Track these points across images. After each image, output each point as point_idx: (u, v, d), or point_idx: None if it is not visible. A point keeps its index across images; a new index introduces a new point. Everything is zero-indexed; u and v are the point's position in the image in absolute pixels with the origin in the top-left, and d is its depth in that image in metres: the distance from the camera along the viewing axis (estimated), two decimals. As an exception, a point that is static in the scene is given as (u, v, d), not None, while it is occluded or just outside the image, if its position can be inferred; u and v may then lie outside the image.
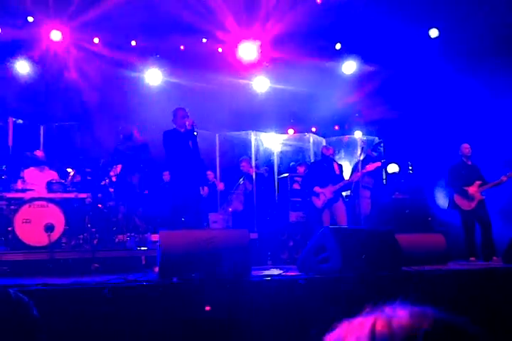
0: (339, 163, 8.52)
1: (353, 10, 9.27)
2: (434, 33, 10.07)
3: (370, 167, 8.19)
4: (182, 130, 6.70)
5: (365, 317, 0.84)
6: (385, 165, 9.18)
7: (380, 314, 0.83)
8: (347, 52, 10.64)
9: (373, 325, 0.81)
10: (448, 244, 6.80)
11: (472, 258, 7.43)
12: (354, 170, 8.62)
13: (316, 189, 7.86)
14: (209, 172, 8.84)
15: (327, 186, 7.85)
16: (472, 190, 7.69)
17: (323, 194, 7.83)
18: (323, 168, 8.10)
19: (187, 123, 6.64)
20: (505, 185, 7.98)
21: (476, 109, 9.20)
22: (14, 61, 9.12)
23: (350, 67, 10.83)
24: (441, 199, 8.78)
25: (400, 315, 0.82)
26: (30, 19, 8.93)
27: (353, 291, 4.56)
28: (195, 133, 6.63)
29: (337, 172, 8.14)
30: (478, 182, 7.73)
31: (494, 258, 7.25)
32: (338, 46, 10.64)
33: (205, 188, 6.70)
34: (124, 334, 3.92)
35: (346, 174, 8.55)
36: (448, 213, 8.39)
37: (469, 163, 7.99)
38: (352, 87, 10.67)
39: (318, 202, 7.83)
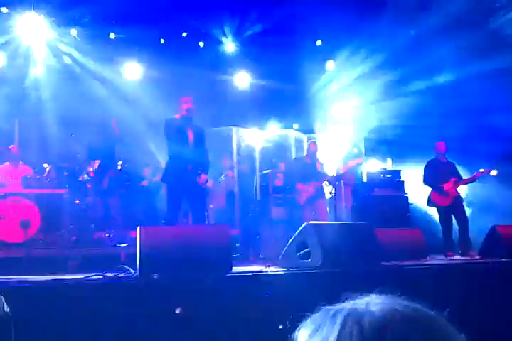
0: (321, 161, 8.55)
1: (333, 5, 9.28)
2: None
3: (352, 163, 8.22)
4: (178, 116, 6.45)
5: (339, 309, 0.86)
6: (365, 162, 9.23)
7: (352, 306, 0.85)
8: (328, 49, 10.67)
9: (345, 318, 0.83)
10: (426, 239, 6.89)
11: (450, 253, 7.53)
12: (335, 166, 8.65)
13: (299, 185, 7.87)
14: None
15: (309, 183, 7.87)
16: (447, 186, 7.80)
17: (305, 190, 7.85)
18: (306, 165, 8.12)
19: (184, 107, 6.38)
20: (482, 180, 8.11)
21: (453, 106, 9.28)
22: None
23: (331, 64, 10.88)
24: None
25: (371, 308, 0.83)
26: (4, 10, 8.73)
27: (334, 286, 4.56)
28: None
29: (319, 168, 8.17)
30: (453, 179, 7.84)
31: (471, 253, 7.35)
32: (318, 43, 10.65)
33: (202, 176, 6.24)
34: (103, 331, 3.86)
35: (328, 170, 8.58)
36: (426, 209, 8.48)
37: (444, 160, 8.09)
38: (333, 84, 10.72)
39: (301, 199, 7.85)
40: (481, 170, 7.88)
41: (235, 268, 4.89)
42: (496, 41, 8.95)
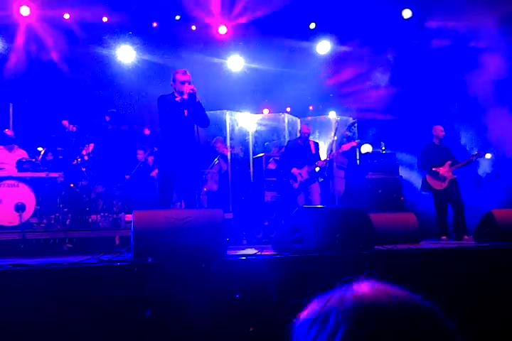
0: (315, 141, 8.53)
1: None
2: (407, 13, 10.11)
3: (346, 147, 8.24)
4: (177, 99, 5.88)
5: (334, 293, 0.89)
6: (359, 145, 9.23)
7: (346, 289, 0.88)
8: (321, 32, 10.61)
9: (340, 300, 0.86)
10: (420, 223, 6.92)
11: (444, 237, 7.58)
12: (329, 150, 8.64)
13: (294, 170, 7.89)
14: None
15: (303, 167, 7.89)
16: (443, 170, 7.82)
17: (299, 175, 7.87)
18: (300, 148, 8.11)
19: (185, 90, 5.79)
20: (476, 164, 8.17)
21: (449, 89, 9.30)
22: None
23: (324, 47, 10.82)
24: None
25: (364, 291, 0.86)
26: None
27: (328, 270, 4.60)
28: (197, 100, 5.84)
29: (313, 151, 8.16)
30: (448, 163, 7.86)
31: (465, 237, 7.40)
32: (312, 26, 10.58)
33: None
34: (98, 315, 3.89)
35: (322, 153, 8.59)
36: (420, 193, 8.52)
37: (440, 144, 8.10)
38: (326, 67, 10.68)
39: (295, 184, 7.87)
40: (476, 152, 7.94)
41: (228, 252, 4.91)
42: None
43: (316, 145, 8.35)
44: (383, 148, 9.42)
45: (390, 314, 0.82)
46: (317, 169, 8.08)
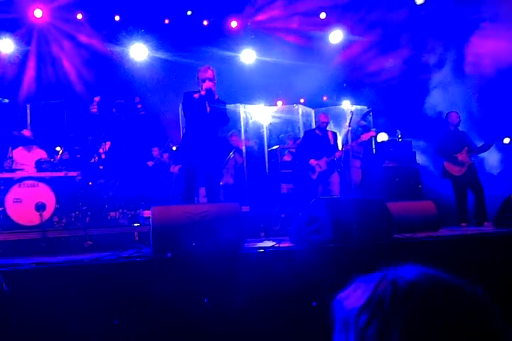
0: (333, 130, 8.46)
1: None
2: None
3: (365, 136, 8.17)
4: (196, 95, 6.03)
5: (381, 278, 0.89)
6: (376, 134, 9.17)
7: (393, 274, 0.89)
8: (333, 21, 10.54)
9: (379, 280, 0.87)
10: (439, 211, 6.87)
11: (463, 224, 7.52)
12: (344, 140, 8.60)
13: (312, 162, 7.86)
14: None
15: (322, 158, 7.86)
16: (461, 156, 7.74)
17: (318, 166, 7.84)
18: (318, 139, 8.06)
19: (203, 87, 5.96)
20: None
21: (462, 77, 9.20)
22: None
23: (337, 36, 10.74)
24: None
25: (413, 276, 0.87)
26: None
27: (346, 261, 4.60)
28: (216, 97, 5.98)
29: (331, 142, 8.10)
30: (466, 148, 7.78)
31: (485, 223, 7.33)
32: (322, 15, 10.51)
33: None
34: (119, 311, 3.95)
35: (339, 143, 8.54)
36: (438, 180, 8.45)
37: (456, 130, 8.02)
38: (339, 57, 10.62)
39: (314, 175, 7.85)
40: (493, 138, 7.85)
41: (246, 245, 4.94)
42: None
43: (334, 135, 8.28)
44: (399, 136, 9.35)
45: (445, 298, 0.83)
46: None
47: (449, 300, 0.82)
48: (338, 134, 8.55)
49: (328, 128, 8.37)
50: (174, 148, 8.78)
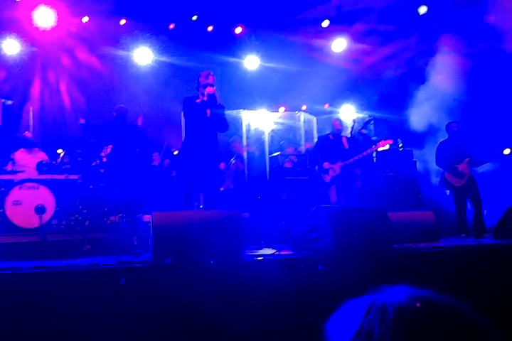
0: (348, 136, 8.42)
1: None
2: (423, 9, 10.04)
3: (382, 144, 8.17)
4: (198, 100, 6.06)
5: (363, 300, 0.89)
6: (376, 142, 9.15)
7: (383, 298, 0.88)
8: (336, 29, 10.57)
9: (368, 307, 0.87)
10: (438, 221, 6.87)
11: (463, 235, 7.51)
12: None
13: (325, 164, 7.88)
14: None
15: (336, 162, 7.87)
16: (462, 167, 7.75)
17: (332, 169, 7.85)
18: (332, 144, 8.06)
19: (205, 92, 5.97)
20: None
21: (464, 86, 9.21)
22: (2, 41, 8.95)
23: (340, 44, 10.77)
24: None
25: (402, 300, 0.86)
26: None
27: (345, 270, 4.60)
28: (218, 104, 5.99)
29: (346, 146, 8.10)
30: (467, 159, 7.79)
31: (485, 234, 7.33)
32: (325, 23, 10.54)
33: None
34: (118, 316, 3.94)
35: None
36: (438, 190, 8.45)
37: (457, 140, 8.03)
38: (342, 65, 10.64)
39: (327, 177, 7.86)
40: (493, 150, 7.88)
41: (246, 252, 4.93)
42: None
43: (351, 140, 8.26)
44: (400, 145, 9.35)
45: (433, 323, 0.82)
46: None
47: (438, 325, 0.82)
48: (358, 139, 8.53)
49: (343, 133, 8.35)
50: (176, 153, 8.79)
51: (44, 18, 8.79)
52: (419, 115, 9.57)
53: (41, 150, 7.55)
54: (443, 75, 9.51)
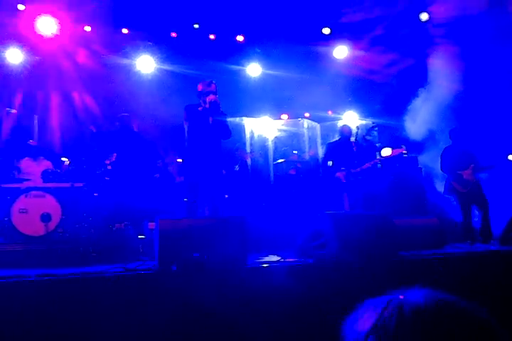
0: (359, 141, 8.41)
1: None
2: (424, 16, 10.07)
3: (395, 152, 8.17)
4: (200, 108, 6.14)
5: (387, 301, 0.91)
6: (380, 149, 9.15)
7: (400, 298, 0.90)
8: (338, 37, 10.62)
9: (386, 304, 0.89)
10: (444, 228, 6.85)
11: (469, 241, 7.48)
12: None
13: (338, 174, 7.91)
14: None
15: (347, 168, 7.89)
16: (467, 173, 7.73)
17: (343, 177, 7.89)
18: (342, 149, 8.07)
19: (207, 100, 6.04)
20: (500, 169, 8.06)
21: (470, 93, 9.22)
22: (5, 50, 9.00)
23: (342, 51, 10.81)
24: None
25: (419, 300, 0.88)
26: (21, 7, 8.79)
27: (351, 276, 4.59)
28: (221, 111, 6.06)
29: (357, 152, 8.11)
30: (472, 166, 7.77)
31: (492, 241, 7.30)
32: (326, 31, 10.58)
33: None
34: (125, 322, 3.94)
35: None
36: (443, 197, 8.43)
37: (461, 146, 8.01)
38: (344, 72, 10.68)
39: (343, 177, 7.90)
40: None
41: (250, 259, 4.92)
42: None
43: (358, 146, 8.26)
44: (405, 151, 9.35)
45: (450, 323, 0.84)
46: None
47: (455, 325, 0.83)
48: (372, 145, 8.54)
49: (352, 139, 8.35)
50: (180, 160, 8.79)
51: (47, 26, 8.85)
52: (418, 121, 9.59)
53: (46, 159, 7.58)
54: (443, 80, 9.55)
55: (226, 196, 8.42)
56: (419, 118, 9.56)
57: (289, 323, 4.24)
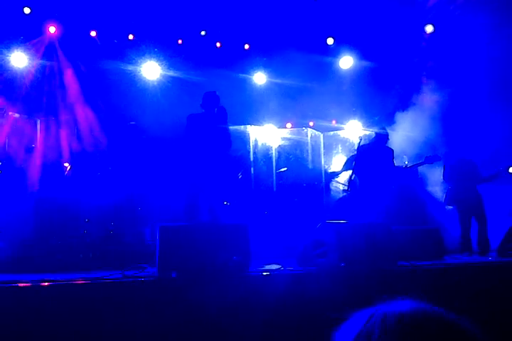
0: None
1: (348, 5, 9.32)
2: (429, 28, 10.12)
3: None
4: (204, 118, 6.33)
5: (375, 311, 0.92)
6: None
7: (386, 308, 0.91)
8: (344, 47, 10.67)
9: (370, 315, 0.90)
10: (444, 238, 6.85)
11: (467, 252, 7.47)
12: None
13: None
14: None
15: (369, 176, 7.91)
16: (468, 183, 7.73)
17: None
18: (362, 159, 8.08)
19: (216, 110, 6.27)
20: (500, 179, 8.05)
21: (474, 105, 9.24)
22: (10, 54, 9.05)
23: (347, 62, 10.86)
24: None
25: (405, 310, 0.89)
26: (27, 10, 8.85)
27: (350, 285, 4.59)
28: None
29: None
30: (473, 176, 7.78)
31: (489, 252, 7.30)
32: (330, 41, 10.63)
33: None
34: (123, 329, 3.94)
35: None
36: (444, 207, 8.43)
37: (464, 158, 8.02)
38: (349, 82, 10.72)
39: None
40: (500, 168, 7.84)
41: (252, 267, 4.93)
42: None
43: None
44: (406, 162, 9.36)
45: (432, 335, 0.84)
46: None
47: (436, 336, 0.84)
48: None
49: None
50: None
51: (52, 31, 8.91)
52: (417, 130, 9.61)
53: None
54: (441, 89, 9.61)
55: (228, 203, 8.44)
56: (418, 127, 9.59)
57: (289, 331, 4.23)
